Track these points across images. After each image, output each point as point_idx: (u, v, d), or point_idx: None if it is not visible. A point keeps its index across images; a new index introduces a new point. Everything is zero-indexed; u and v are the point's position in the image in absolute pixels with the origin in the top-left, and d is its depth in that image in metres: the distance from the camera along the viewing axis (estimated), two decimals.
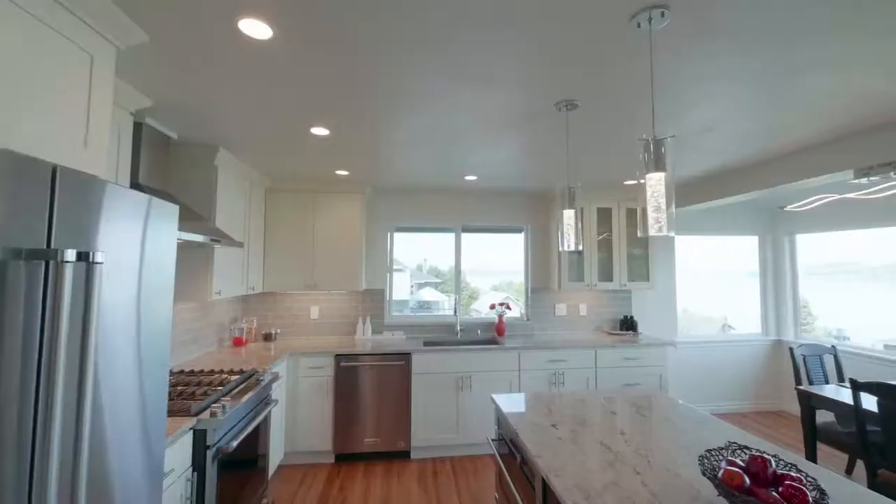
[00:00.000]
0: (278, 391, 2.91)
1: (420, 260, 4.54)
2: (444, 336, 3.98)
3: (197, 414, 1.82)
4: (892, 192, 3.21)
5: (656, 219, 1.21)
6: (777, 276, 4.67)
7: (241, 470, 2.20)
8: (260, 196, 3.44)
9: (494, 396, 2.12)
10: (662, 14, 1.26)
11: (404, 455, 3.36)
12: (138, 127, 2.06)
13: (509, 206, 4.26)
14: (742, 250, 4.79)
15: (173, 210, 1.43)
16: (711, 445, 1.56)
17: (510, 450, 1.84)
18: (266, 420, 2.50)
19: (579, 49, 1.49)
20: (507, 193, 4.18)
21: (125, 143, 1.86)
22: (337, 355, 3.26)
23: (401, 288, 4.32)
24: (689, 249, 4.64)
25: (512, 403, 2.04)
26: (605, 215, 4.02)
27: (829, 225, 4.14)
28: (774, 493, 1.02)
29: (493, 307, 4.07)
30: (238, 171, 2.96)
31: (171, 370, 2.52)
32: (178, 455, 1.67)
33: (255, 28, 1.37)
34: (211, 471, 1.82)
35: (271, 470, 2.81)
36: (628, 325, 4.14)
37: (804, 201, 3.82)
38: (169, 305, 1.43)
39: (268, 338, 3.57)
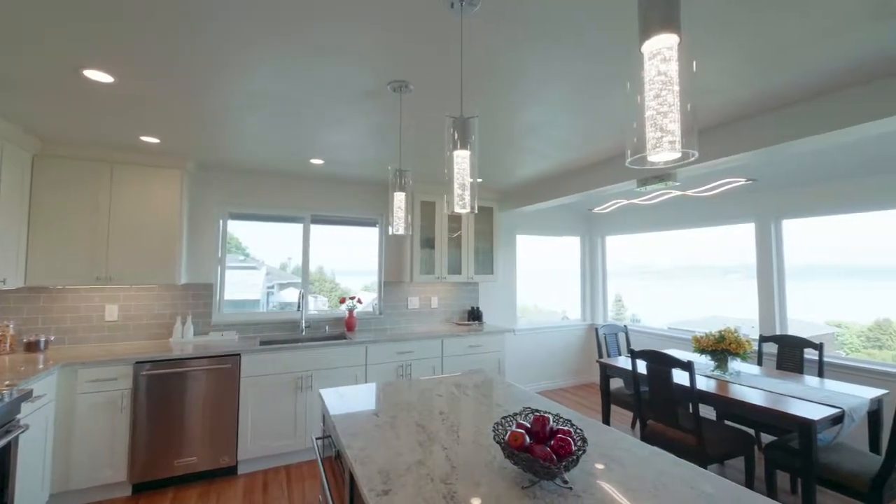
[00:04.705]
0: (38, 414, 2.22)
1: (284, 259, 4.13)
2: (288, 334, 3.64)
3: None
4: (664, 197, 4.08)
5: (461, 195, 1.23)
6: (592, 271, 5.56)
7: None
8: (20, 160, 2.60)
9: (322, 391, 1.97)
10: None
11: (230, 471, 2.93)
12: None
13: (363, 197, 4.12)
14: (573, 250, 5.57)
15: None
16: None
17: (332, 445, 1.71)
18: (7, 454, 1.87)
19: (402, 24, 1.45)
20: (360, 183, 4.04)
21: None
22: (138, 362, 2.66)
23: (253, 287, 3.90)
24: (531, 248, 5.20)
25: (339, 396, 1.92)
26: None
27: (627, 229, 5.09)
28: (547, 448, 1.11)
29: (343, 301, 3.88)
30: None
31: None
32: None
33: None
34: None
35: None
36: (474, 315, 4.40)
37: (604, 205, 4.61)
38: None
39: (32, 347, 2.71)
